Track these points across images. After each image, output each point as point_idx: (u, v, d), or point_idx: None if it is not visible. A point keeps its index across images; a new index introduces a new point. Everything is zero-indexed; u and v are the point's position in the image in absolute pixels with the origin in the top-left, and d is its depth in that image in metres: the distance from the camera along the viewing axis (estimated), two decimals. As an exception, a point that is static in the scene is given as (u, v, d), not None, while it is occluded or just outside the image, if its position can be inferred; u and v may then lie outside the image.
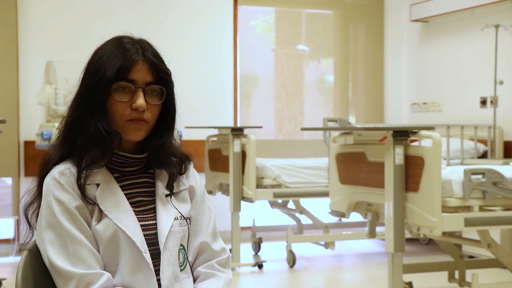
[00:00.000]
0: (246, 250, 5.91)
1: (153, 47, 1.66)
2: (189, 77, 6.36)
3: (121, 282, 1.57)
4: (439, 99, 6.64)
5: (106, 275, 1.54)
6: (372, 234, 3.97)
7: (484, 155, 5.81)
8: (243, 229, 6.14)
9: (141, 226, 1.61)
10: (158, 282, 1.59)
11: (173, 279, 1.61)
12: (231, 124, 6.60)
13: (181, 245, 1.65)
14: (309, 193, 5.42)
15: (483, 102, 6.06)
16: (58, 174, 1.57)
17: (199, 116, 6.38)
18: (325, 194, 5.17)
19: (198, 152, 6.03)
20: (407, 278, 4.14)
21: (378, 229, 4.59)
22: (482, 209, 3.67)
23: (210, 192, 5.67)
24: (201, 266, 1.70)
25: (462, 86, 6.36)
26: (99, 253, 1.56)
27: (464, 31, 6.33)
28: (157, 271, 1.59)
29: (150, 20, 6.29)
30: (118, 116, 1.60)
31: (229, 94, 6.63)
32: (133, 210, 1.62)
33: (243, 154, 5.19)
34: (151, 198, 1.67)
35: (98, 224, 1.57)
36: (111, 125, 1.60)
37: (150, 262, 1.58)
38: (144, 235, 1.60)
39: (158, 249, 1.61)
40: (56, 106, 5.31)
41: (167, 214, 1.65)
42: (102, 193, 1.59)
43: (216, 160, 5.63)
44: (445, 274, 4.38)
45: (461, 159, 5.57)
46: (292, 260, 5.39)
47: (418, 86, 6.99)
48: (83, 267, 1.52)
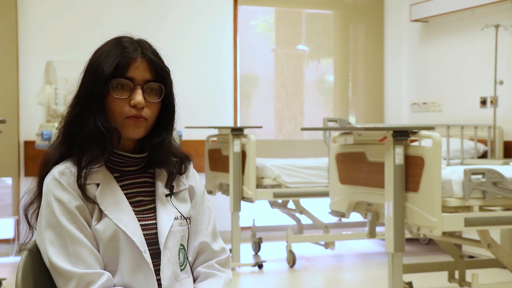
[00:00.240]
0: (246, 250, 5.91)
1: (152, 46, 1.66)
2: (189, 77, 6.36)
3: (121, 282, 1.57)
4: (439, 99, 6.64)
5: (106, 275, 1.54)
6: (372, 234, 3.97)
7: (484, 155, 5.81)
8: (243, 229, 6.14)
9: (141, 226, 1.61)
10: (158, 282, 1.59)
11: (173, 279, 1.61)
12: (231, 124, 6.60)
13: (181, 245, 1.65)
14: (309, 193, 5.42)
15: (483, 102, 6.05)
16: (58, 174, 1.57)
17: (199, 116, 6.37)
18: (325, 194, 5.17)
19: (198, 152, 6.03)
20: (407, 278, 4.14)
21: (378, 229, 4.58)
22: (482, 209, 3.67)
23: (210, 192, 5.67)
24: (201, 266, 1.70)
25: (462, 86, 6.36)
26: (99, 253, 1.56)
27: (464, 31, 6.33)
28: (157, 271, 1.59)
29: (150, 20, 6.29)
30: (117, 113, 1.60)
31: (229, 94, 6.63)
32: (133, 210, 1.62)
33: (243, 154, 5.19)
34: (151, 198, 1.67)
35: (98, 224, 1.57)
36: (110, 122, 1.60)
37: (150, 262, 1.58)
38: (144, 235, 1.60)
39: (158, 249, 1.61)
40: (56, 106, 5.31)
41: (167, 214, 1.65)
42: (102, 192, 1.59)
43: (216, 160, 5.63)
44: (445, 274, 4.38)
45: (461, 159, 5.57)
46: (292, 260, 5.39)
47: (418, 86, 6.99)
48: (83, 267, 1.52)
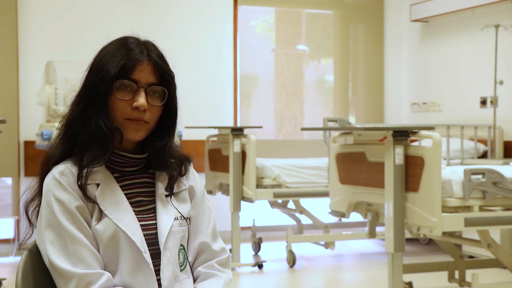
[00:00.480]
0: (246, 250, 5.91)
1: (158, 49, 1.66)
2: (189, 77, 6.36)
3: (121, 282, 1.57)
4: (439, 99, 6.64)
5: (106, 275, 1.54)
6: (372, 234, 3.97)
7: (484, 155, 5.81)
8: (243, 229, 6.14)
9: (141, 226, 1.61)
10: (158, 282, 1.59)
11: (173, 279, 1.61)
12: (231, 124, 6.60)
13: (181, 245, 1.65)
14: (309, 193, 5.42)
15: (483, 102, 6.05)
16: (59, 174, 1.57)
17: (199, 116, 6.37)
18: (325, 194, 5.17)
19: (198, 152, 6.03)
20: (407, 278, 4.14)
21: (378, 229, 4.58)
22: (482, 209, 3.67)
23: (210, 192, 5.67)
24: (201, 266, 1.70)
25: (462, 86, 6.36)
26: (99, 253, 1.56)
27: (464, 31, 6.33)
28: (157, 271, 1.59)
29: (150, 20, 6.29)
30: (118, 114, 1.60)
31: (229, 94, 6.63)
32: (133, 210, 1.62)
33: (243, 154, 5.19)
34: (151, 198, 1.67)
35: (98, 224, 1.57)
36: (112, 122, 1.60)
37: (150, 262, 1.58)
38: (144, 235, 1.60)
39: (158, 249, 1.61)
40: (56, 106, 5.31)
41: (167, 214, 1.65)
42: (102, 193, 1.59)
43: (216, 160, 5.63)
44: (445, 274, 4.38)
45: (461, 159, 5.57)
46: (292, 260, 5.39)
47: (418, 86, 6.99)
48: (83, 267, 1.52)
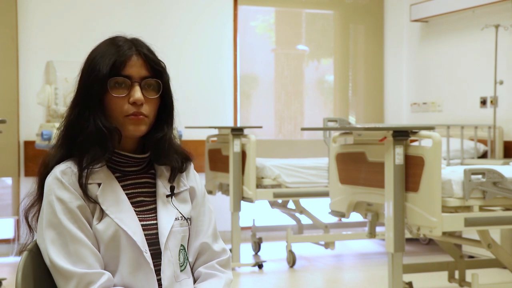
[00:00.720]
0: (246, 250, 5.91)
1: (145, 43, 1.67)
2: (189, 77, 6.36)
3: (121, 282, 1.57)
4: (439, 99, 6.64)
5: (107, 275, 1.54)
6: (372, 234, 3.97)
7: (484, 155, 5.81)
8: (243, 229, 6.13)
9: (141, 226, 1.61)
10: (159, 282, 1.59)
11: (173, 279, 1.61)
12: (231, 124, 6.60)
13: (181, 245, 1.65)
14: (309, 193, 5.42)
15: (483, 102, 6.05)
16: (60, 173, 1.58)
17: (199, 116, 6.37)
18: (325, 194, 5.17)
19: (198, 152, 6.03)
20: (407, 278, 4.14)
21: (378, 229, 4.58)
22: (482, 209, 3.67)
23: (210, 192, 5.67)
24: (201, 266, 1.71)
25: (462, 86, 6.36)
26: (100, 252, 1.56)
27: (464, 31, 6.33)
28: (157, 271, 1.60)
29: (150, 20, 6.29)
30: (117, 112, 1.60)
31: (229, 94, 6.62)
32: (134, 210, 1.62)
33: (243, 154, 5.19)
34: (152, 198, 1.67)
35: (99, 223, 1.57)
36: (111, 122, 1.60)
37: (150, 261, 1.58)
38: (144, 235, 1.60)
39: (159, 249, 1.61)
40: (56, 106, 5.31)
41: (168, 214, 1.65)
42: (103, 192, 1.59)
43: (216, 160, 5.63)
44: (445, 274, 4.38)
45: (461, 159, 5.57)
46: (292, 260, 5.39)
47: (418, 86, 6.99)
48: (84, 267, 1.52)
